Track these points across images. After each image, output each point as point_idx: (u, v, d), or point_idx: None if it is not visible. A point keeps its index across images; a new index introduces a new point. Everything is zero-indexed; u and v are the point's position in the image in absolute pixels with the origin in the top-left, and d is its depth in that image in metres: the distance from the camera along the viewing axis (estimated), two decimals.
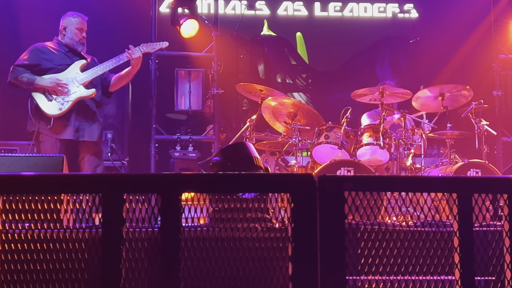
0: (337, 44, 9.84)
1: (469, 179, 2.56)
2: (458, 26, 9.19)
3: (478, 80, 8.52)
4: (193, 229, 2.41)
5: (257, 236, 2.59)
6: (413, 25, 9.89)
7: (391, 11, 10.10)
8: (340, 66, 9.89)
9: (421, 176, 5.96)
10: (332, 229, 2.29)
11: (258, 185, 2.34)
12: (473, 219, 2.33)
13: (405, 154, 6.69)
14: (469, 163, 6.48)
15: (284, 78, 9.90)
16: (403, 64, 9.81)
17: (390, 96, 6.94)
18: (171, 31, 8.45)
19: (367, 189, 2.37)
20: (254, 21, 9.83)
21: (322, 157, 6.77)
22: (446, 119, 7.02)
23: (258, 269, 2.36)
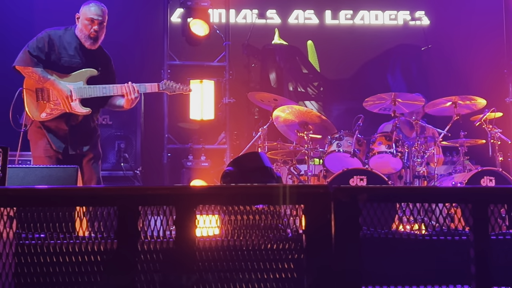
0: (348, 52, 9.82)
1: (484, 189, 2.55)
2: (470, 33, 9.16)
3: (491, 88, 8.48)
4: (208, 240, 2.41)
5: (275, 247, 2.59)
6: (424, 32, 9.87)
7: (402, 18, 10.08)
8: (352, 74, 9.88)
9: (436, 187, 5.94)
10: (347, 240, 2.28)
11: (272, 196, 2.34)
12: (489, 229, 2.32)
13: (418, 162, 6.67)
14: (483, 170, 6.44)
15: (296, 86, 9.90)
16: (414, 72, 9.78)
17: (402, 105, 6.93)
18: (184, 41, 8.51)
19: (382, 200, 2.36)
20: (265, 30, 9.85)
21: (334, 166, 6.77)
22: (459, 127, 6.99)
23: (273, 280, 2.35)
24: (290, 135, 7.24)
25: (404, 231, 5.35)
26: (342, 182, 6.21)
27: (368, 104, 7.02)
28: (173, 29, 8.88)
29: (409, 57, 9.84)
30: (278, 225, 3.66)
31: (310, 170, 6.78)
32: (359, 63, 9.89)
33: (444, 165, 7.52)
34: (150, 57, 8.69)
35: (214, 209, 2.38)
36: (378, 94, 6.90)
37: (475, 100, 6.92)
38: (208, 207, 2.52)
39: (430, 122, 7.27)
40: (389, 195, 2.35)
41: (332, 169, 6.79)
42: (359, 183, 6.28)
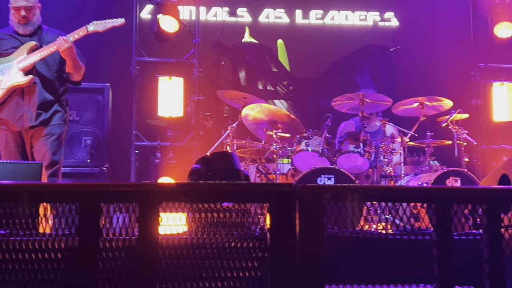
0: (318, 51, 9.85)
1: (447, 190, 2.57)
2: (438, 35, 9.26)
3: (458, 89, 8.58)
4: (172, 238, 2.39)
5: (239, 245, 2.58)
6: (393, 33, 9.95)
7: (372, 19, 10.15)
8: (321, 73, 9.91)
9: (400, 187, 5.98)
10: (312, 239, 2.28)
11: (238, 194, 2.33)
12: (452, 229, 2.34)
13: (385, 162, 6.72)
14: (449, 171, 6.52)
15: (265, 85, 9.90)
16: (383, 72, 9.86)
17: (370, 104, 6.98)
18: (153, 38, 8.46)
19: (347, 198, 2.37)
20: (235, 28, 9.82)
21: (302, 165, 6.79)
22: (426, 128, 7.06)
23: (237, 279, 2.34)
24: (259, 133, 7.24)
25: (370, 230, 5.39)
26: (310, 181, 6.24)
27: (336, 103, 7.06)
28: (143, 25, 8.82)
29: (378, 57, 9.91)
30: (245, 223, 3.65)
31: (278, 169, 6.79)
32: (328, 62, 9.93)
33: (410, 165, 7.58)
34: (119, 53, 8.60)
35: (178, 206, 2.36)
36: (346, 94, 6.94)
37: (442, 101, 7.00)
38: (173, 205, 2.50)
39: (397, 123, 7.33)
40: (354, 194, 2.35)
41: (300, 168, 6.81)
42: (327, 182, 6.31)
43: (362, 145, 6.61)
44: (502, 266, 2.36)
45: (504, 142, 8.58)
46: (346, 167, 6.65)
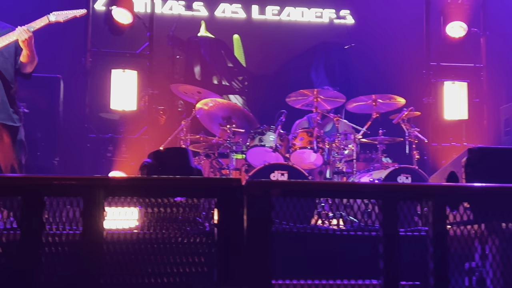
0: (275, 47, 9.87)
1: (393, 186, 2.59)
2: (392, 33, 9.37)
3: (410, 87, 8.70)
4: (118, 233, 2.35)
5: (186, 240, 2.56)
6: (348, 31, 10.03)
7: (327, 16, 10.20)
8: (277, 69, 9.93)
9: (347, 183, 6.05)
10: (259, 234, 2.28)
11: (185, 189, 2.31)
12: (397, 225, 2.36)
13: (338, 158, 6.78)
14: (400, 168, 6.60)
15: (221, 80, 9.87)
16: (337, 69, 9.93)
17: (324, 101, 7.02)
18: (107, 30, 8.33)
19: (295, 194, 2.37)
20: (191, 22, 9.76)
21: (256, 160, 6.79)
22: (378, 125, 7.14)
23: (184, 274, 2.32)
24: (213, 128, 7.22)
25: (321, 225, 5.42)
26: (263, 176, 6.24)
27: (291, 99, 7.09)
28: (97, 17, 8.68)
29: (333, 54, 9.97)
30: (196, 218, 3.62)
31: (232, 164, 6.78)
32: (284, 58, 9.95)
33: (363, 162, 7.66)
34: (72, 45, 8.46)
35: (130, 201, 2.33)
36: (300, 90, 6.98)
37: (394, 99, 7.09)
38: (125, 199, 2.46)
39: (351, 120, 7.39)
40: (302, 190, 2.35)
41: (254, 164, 6.81)
42: (280, 178, 6.32)
43: (315, 141, 6.65)
44: (447, 263, 2.40)
45: (454, 140, 8.73)
46: (300, 163, 6.68)
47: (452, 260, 2.44)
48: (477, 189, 2.76)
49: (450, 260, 2.44)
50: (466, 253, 2.94)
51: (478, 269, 3.01)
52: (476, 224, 2.93)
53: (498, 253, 2.83)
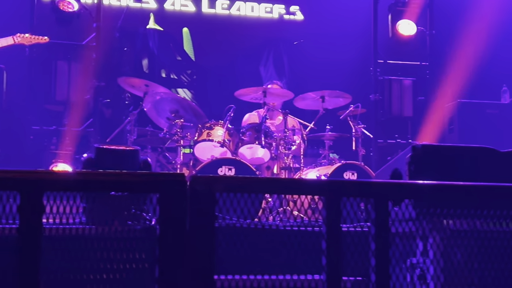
0: (224, 42, 9.83)
1: (336, 182, 2.61)
2: (341, 30, 9.45)
3: (357, 84, 8.81)
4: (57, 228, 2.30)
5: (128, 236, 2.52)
6: (298, 27, 10.07)
7: (277, 12, 10.21)
8: (226, 64, 9.89)
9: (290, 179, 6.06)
10: (201, 230, 2.26)
11: (126, 184, 2.27)
12: (340, 221, 2.38)
13: (286, 153, 6.80)
14: (346, 164, 6.68)
15: (169, 73, 9.79)
16: (286, 65, 9.97)
17: (272, 97, 7.04)
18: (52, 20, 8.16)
19: (238, 190, 2.35)
20: (140, 14, 9.63)
21: (204, 155, 6.76)
22: (325, 121, 7.20)
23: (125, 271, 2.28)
24: (160, 122, 7.14)
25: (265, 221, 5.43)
26: (211, 171, 6.22)
27: (240, 94, 7.07)
28: (42, 6, 8.48)
29: (282, 50, 10.00)
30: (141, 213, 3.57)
31: (179, 158, 6.73)
32: (233, 53, 9.92)
33: (310, 157, 7.72)
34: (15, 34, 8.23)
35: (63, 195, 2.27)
36: (249, 88, 6.97)
37: (341, 96, 7.16)
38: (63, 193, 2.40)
39: (298, 115, 7.43)
40: (245, 186, 2.34)
41: (201, 158, 6.78)
42: (228, 173, 6.32)
43: (263, 136, 6.66)
44: (388, 259, 2.42)
45: (399, 137, 8.87)
46: (247, 158, 6.69)
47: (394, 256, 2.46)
48: (420, 186, 2.79)
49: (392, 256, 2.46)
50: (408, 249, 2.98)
51: (419, 265, 3.05)
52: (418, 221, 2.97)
53: (439, 250, 2.88)
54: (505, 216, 2.86)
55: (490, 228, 2.87)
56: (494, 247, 2.86)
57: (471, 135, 8.15)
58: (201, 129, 6.75)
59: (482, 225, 2.88)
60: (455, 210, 2.76)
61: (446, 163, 3.51)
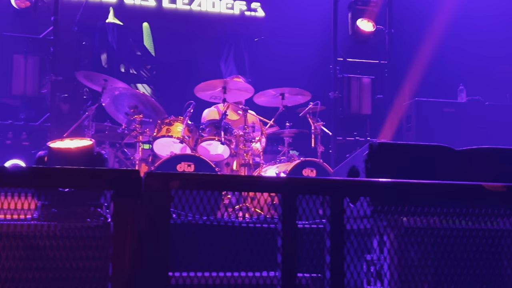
0: (185, 37, 9.78)
1: (293, 180, 2.61)
2: (301, 27, 9.49)
3: (317, 82, 8.86)
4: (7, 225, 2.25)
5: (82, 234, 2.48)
6: (259, 24, 10.07)
7: (238, 8, 10.20)
8: (186, 60, 9.84)
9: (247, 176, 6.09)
10: (156, 227, 2.23)
11: (79, 180, 2.23)
12: (295, 219, 2.38)
13: (245, 150, 6.79)
14: (305, 161, 6.72)
15: (128, 68, 9.69)
16: (247, 61, 9.96)
17: (233, 93, 7.01)
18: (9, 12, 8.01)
19: (194, 187, 2.34)
20: (99, 7, 9.50)
21: (163, 151, 6.71)
22: (285, 118, 7.23)
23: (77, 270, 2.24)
24: (119, 117, 7.06)
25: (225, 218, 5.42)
26: (170, 168, 6.19)
27: (199, 90, 7.03)
28: None
29: (243, 46, 10.00)
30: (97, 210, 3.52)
31: (138, 154, 6.67)
32: (194, 49, 9.87)
33: (270, 154, 7.73)
34: None
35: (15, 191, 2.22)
36: (209, 81, 6.93)
37: (301, 93, 7.19)
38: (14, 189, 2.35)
39: (258, 112, 7.43)
40: (202, 183, 2.33)
41: (160, 155, 6.73)
42: (187, 169, 6.29)
43: (223, 133, 6.64)
44: (343, 256, 2.44)
45: (358, 135, 8.95)
46: (207, 155, 6.66)
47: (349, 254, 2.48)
48: (376, 183, 2.81)
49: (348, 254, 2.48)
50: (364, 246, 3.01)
51: (375, 262, 3.08)
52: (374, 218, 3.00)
53: (394, 247, 2.91)
54: (459, 214, 2.90)
55: (443, 225, 2.91)
56: (447, 244, 2.90)
57: (429, 133, 8.27)
58: (160, 125, 6.70)
59: (435, 222, 2.91)
60: (410, 208, 2.79)
61: (402, 161, 3.55)
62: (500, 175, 3.39)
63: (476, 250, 2.87)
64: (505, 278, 2.92)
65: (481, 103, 8.67)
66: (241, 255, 2.81)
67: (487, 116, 8.51)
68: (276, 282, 2.36)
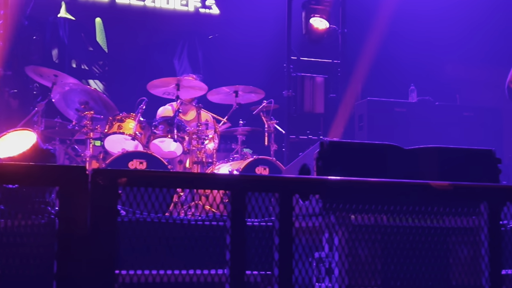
0: (138, 34, 9.70)
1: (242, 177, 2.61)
2: (256, 26, 9.50)
3: (271, 80, 8.88)
4: None
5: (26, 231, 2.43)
6: (213, 21, 10.05)
7: (193, 5, 10.16)
8: (139, 56, 9.76)
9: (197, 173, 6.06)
10: (103, 225, 2.20)
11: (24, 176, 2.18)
12: (245, 216, 2.38)
13: (199, 148, 6.76)
14: (258, 159, 6.73)
15: (80, 64, 9.55)
16: (201, 59, 9.93)
17: (186, 90, 6.98)
18: None
19: (143, 184, 2.31)
20: (51, 2, 9.36)
21: (114, 148, 6.63)
22: (239, 116, 7.23)
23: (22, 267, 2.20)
24: (69, 113, 6.95)
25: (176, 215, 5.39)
26: (121, 165, 6.12)
27: (152, 87, 6.97)
28: None
29: (197, 43, 9.97)
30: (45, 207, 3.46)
31: (89, 151, 6.57)
32: (148, 45, 9.80)
33: (223, 152, 7.72)
34: None
35: None
36: (162, 78, 6.89)
37: (255, 91, 7.19)
38: None
39: (212, 110, 7.41)
40: (150, 180, 2.30)
41: (112, 151, 6.65)
42: (139, 167, 6.23)
43: (176, 130, 6.60)
44: (292, 253, 2.44)
45: (311, 134, 9.01)
46: (159, 152, 6.61)
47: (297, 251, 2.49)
48: (326, 181, 2.83)
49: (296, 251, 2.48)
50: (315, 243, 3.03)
51: (325, 259, 3.10)
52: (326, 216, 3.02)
53: (343, 244, 2.94)
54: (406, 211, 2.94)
55: (391, 223, 2.95)
56: (394, 242, 2.94)
57: (380, 132, 8.38)
58: (111, 122, 6.62)
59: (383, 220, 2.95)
60: (358, 206, 2.81)
61: (353, 159, 3.58)
62: (448, 174, 3.45)
63: (422, 248, 2.91)
64: (450, 275, 2.97)
65: (431, 103, 8.81)
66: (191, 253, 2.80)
67: (437, 116, 8.66)
68: (225, 280, 2.35)
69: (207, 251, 2.79)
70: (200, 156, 6.74)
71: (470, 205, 3.00)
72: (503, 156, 7.37)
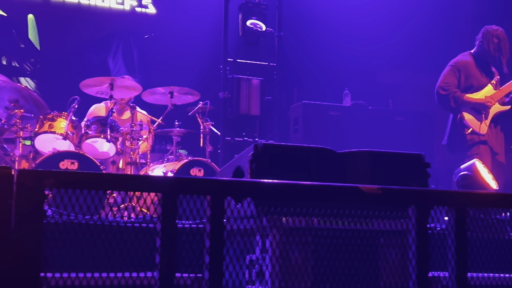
0: (72, 31, 9.50)
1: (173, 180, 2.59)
2: (192, 26, 9.47)
3: (207, 81, 8.86)
4: None
5: None
6: (150, 20, 9.96)
7: (129, 4, 10.04)
8: (73, 54, 9.57)
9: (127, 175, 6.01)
10: (27, 227, 2.14)
11: None
12: (175, 219, 2.35)
13: (132, 148, 6.68)
14: (193, 160, 6.70)
15: (10, 61, 9.29)
16: (136, 58, 9.82)
17: (120, 90, 6.88)
18: None
19: (71, 186, 2.26)
20: None
21: (45, 147, 6.48)
22: (174, 117, 7.18)
23: None
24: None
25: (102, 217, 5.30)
26: (52, 165, 6.00)
27: (85, 86, 6.84)
28: None
29: (132, 43, 9.86)
30: None
31: (18, 150, 6.40)
32: (82, 43, 9.63)
33: (158, 153, 7.65)
34: None
35: None
36: (96, 77, 6.78)
37: (190, 92, 7.16)
38: None
39: (147, 110, 7.34)
40: (79, 181, 2.25)
41: (42, 151, 6.50)
42: (70, 167, 6.12)
43: (109, 130, 6.50)
44: (222, 256, 2.43)
45: (247, 136, 9.03)
46: (92, 152, 6.50)
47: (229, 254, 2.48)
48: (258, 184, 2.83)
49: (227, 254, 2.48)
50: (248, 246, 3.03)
51: (258, 262, 3.11)
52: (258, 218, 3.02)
53: (277, 246, 2.95)
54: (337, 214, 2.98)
55: (321, 226, 2.98)
56: (325, 244, 2.97)
57: (315, 135, 8.46)
58: (42, 120, 6.47)
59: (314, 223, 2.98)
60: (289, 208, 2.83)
61: (286, 162, 3.60)
62: (378, 178, 3.51)
63: (352, 250, 2.95)
64: (378, 277, 3.03)
65: (364, 108, 8.96)
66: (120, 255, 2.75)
67: (370, 120, 8.81)
68: (154, 283, 2.32)
69: (137, 254, 2.75)
70: (134, 157, 6.66)
71: (399, 209, 3.05)
72: (433, 160, 7.56)
